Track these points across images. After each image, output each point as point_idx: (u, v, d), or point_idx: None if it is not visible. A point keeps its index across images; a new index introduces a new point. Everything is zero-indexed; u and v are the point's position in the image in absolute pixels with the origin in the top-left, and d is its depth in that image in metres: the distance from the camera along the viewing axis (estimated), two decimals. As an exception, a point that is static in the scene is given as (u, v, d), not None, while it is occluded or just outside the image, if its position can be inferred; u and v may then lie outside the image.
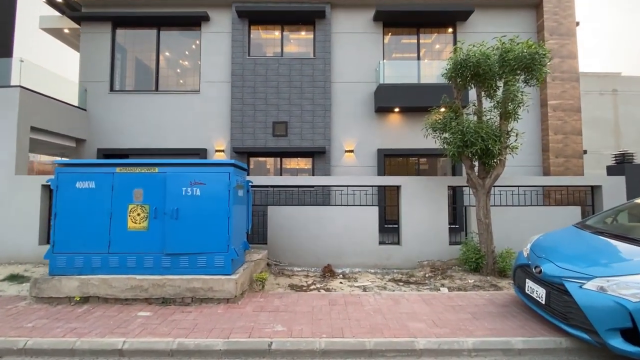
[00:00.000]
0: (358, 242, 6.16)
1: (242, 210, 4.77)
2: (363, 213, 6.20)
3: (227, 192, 4.20)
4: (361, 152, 8.38)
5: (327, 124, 8.31)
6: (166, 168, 4.24)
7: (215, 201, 4.19)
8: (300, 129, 8.28)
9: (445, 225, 6.23)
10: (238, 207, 4.52)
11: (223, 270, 4.13)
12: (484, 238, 5.44)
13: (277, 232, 6.19)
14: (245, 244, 4.84)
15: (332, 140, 8.42)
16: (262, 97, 8.35)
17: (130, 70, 9.18)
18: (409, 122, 8.49)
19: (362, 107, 8.49)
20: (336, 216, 6.17)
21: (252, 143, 8.20)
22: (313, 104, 8.34)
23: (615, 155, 6.76)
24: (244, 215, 4.95)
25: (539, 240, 3.93)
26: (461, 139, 5.13)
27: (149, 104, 8.57)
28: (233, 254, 4.16)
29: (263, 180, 6.21)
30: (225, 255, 4.15)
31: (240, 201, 4.66)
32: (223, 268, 4.14)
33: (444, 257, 6.17)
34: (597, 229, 3.59)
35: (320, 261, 6.13)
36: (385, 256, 6.17)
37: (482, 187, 5.43)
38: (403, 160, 8.72)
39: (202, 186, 4.19)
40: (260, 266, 5.34)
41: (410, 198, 6.20)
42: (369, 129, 8.45)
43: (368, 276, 5.83)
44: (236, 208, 4.40)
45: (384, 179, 6.21)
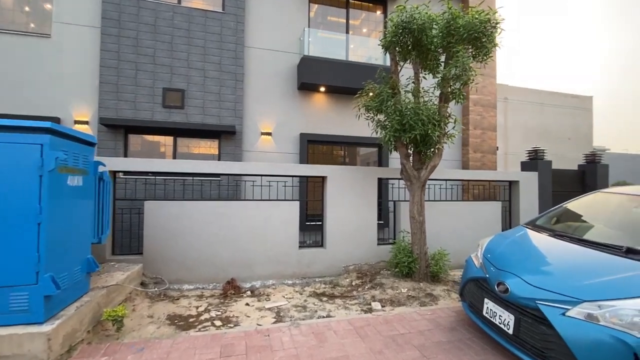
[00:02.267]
0: (273, 247, 4.85)
1: (82, 210, 2.96)
2: (281, 209, 4.90)
3: (38, 178, 2.39)
4: (281, 135, 7.03)
5: (238, 97, 6.68)
6: None
7: (11, 195, 2.33)
8: (203, 101, 6.47)
9: (374, 222, 5.37)
10: (70, 204, 2.73)
11: (28, 316, 2.34)
12: (417, 238, 4.71)
13: (159, 237, 4.44)
14: (89, 264, 3.04)
15: (245, 118, 6.84)
16: (148, 53, 6.23)
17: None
18: (337, 105, 7.47)
19: (283, 82, 7.11)
20: (245, 213, 4.73)
21: (131, 114, 6.05)
22: (220, 71, 6.60)
23: (528, 152, 6.91)
24: (90, 217, 3.13)
25: (491, 245, 3.21)
26: (399, 121, 4.23)
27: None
28: (48, 286, 2.39)
29: (137, 164, 4.35)
30: (33, 290, 2.36)
31: (78, 194, 2.85)
32: (28, 313, 2.34)
33: (371, 260, 5.32)
34: (556, 232, 3.00)
35: (222, 274, 4.63)
36: (306, 262, 5.00)
37: (417, 179, 4.66)
38: (329, 148, 7.69)
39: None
40: (122, 293, 3.58)
41: (337, 191, 5.14)
42: (290, 109, 7.13)
43: (285, 290, 4.58)
44: (63, 206, 2.61)
45: (308, 167, 5.00)
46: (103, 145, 5.91)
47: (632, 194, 3.08)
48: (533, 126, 15.14)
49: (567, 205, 3.53)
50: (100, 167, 3.34)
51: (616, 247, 2.49)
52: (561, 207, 3.52)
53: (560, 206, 3.54)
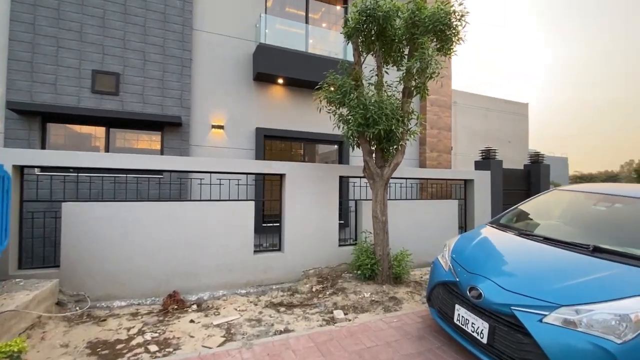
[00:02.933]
0: (224, 253, 4.33)
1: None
2: (233, 210, 4.38)
3: None
4: (234, 129, 6.44)
5: (185, 85, 5.96)
6: None
7: None
8: (142, 88, 5.65)
9: (335, 223, 5.08)
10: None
11: None
12: (379, 239, 4.50)
13: (82, 246, 3.70)
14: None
15: (194, 109, 6.15)
16: (74, 28, 5.27)
17: None
18: (296, 99, 7.06)
19: (237, 71, 6.52)
20: (191, 216, 4.15)
21: (51, 99, 5.06)
22: (164, 55, 5.83)
23: (481, 151, 7.13)
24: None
25: (458, 246, 3.05)
26: (363, 114, 3.96)
27: None
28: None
29: (51, 157, 3.56)
30: None
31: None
32: None
33: (332, 262, 5.03)
34: (522, 231, 2.92)
35: (163, 286, 4.01)
36: (262, 269, 4.55)
37: (380, 177, 4.45)
38: (287, 144, 7.26)
39: None
40: (26, 319, 2.85)
41: (297, 190, 4.76)
42: (245, 101, 6.57)
43: (237, 301, 4.09)
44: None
45: (264, 164, 4.55)
46: (12, 135, 4.87)
47: (588, 192, 3.12)
48: (478, 129, 16.09)
49: (527, 203, 3.52)
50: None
51: (583, 245, 2.44)
52: (522, 205, 3.50)
53: (520, 204, 3.52)
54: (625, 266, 2.13)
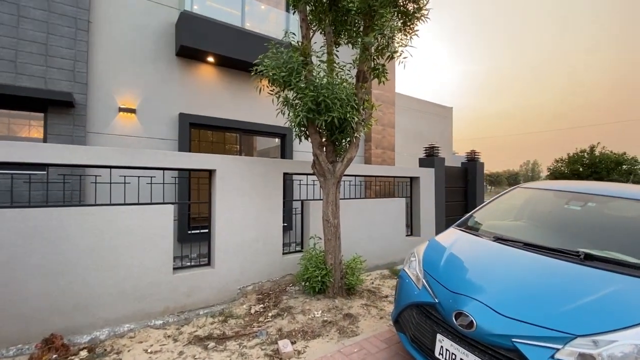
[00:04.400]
0: (131, 274, 3.26)
1: None
2: (143, 217, 3.32)
3: None
4: (151, 114, 5.19)
5: (80, 54, 4.55)
6: None
7: None
8: (15, 52, 4.11)
9: (279, 228, 4.32)
10: None
11: None
12: (331, 245, 3.88)
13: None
14: None
15: (93, 86, 4.76)
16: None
17: None
18: (231, 82, 6.06)
19: (155, 43, 5.27)
20: (82, 227, 3.00)
21: None
22: (48, 11, 4.34)
23: (425, 148, 7.03)
24: None
25: (430, 255, 2.56)
26: (314, 98, 3.27)
27: None
28: None
29: None
30: None
31: None
32: None
33: (276, 274, 4.27)
34: (498, 236, 2.54)
35: (36, 328, 2.83)
36: (185, 291, 3.57)
37: (332, 174, 3.83)
38: (220, 136, 6.21)
39: None
40: None
41: (231, 189, 3.88)
42: (166, 81, 5.36)
43: (149, 338, 3.09)
44: None
45: (186, 157, 3.58)
46: None
47: (555, 189, 2.90)
48: (410, 129, 16.72)
49: (492, 203, 3.22)
50: None
51: (572, 253, 2.11)
52: (487, 205, 3.18)
53: (485, 204, 3.20)
54: (630, 278, 1.81)
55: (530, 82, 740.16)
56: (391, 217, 5.64)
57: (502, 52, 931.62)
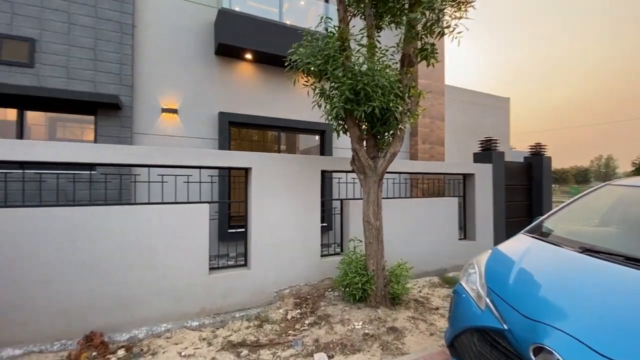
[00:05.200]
0: (168, 274, 3.23)
1: None
2: (180, 216, 3.29)
3: None
4: (191, 114, 5.26)
5: (125, 57, 4.72)
6: None
7: None
8: (67, 58, 4.38)
9: (317, 229, 4.07)
10: None
11: None
12: (373, 249, 3.53)
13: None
14: None
15: (138, 88, 4.92)
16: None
17: None
18: (269, 78, 5.95)
19: (194, 44, 5.33)
20: (121, 226, 3.02)
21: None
22: (96, 17, 4.57)
23: (481, 141, 6.30)
24: None
25: (495, 268, 2.11)
26: (352, 86, 2.95)
27: None
28: None
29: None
30: None
31: None
32: None
33: (314, 278, 4.03)
34: (585, 246, 2.00)
35: (79, 324, 2.89)
36: (221, 292, 3.48)
37: (373, 171, 3.46)
38: (259, 134, 6.14)
39: None
40: None
41: (267, 188, 3.71)
42: (205, 80, 5.40)
43: (185, 339, 3.03)
44: None
45: (221, 155, 3.46)
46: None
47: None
48: (459, 122, 15.47)
49: (575, 204, 2.62)
50: None
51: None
52: (568, 207, 2.60)
53: (564, 206, 2.62)
54: None
55: (598, 68, 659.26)
56: (441, 218, 5.09)
57: (560, 37, 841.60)
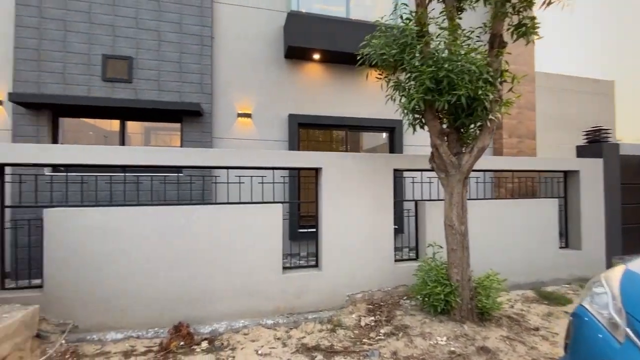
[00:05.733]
0: (244, 271, 3.34)
1: None
2: (255, 216, 3.38)
3: None
4: (263, 118, 5.46)
5: (205, 67, 5.10)
6: None
7: None
8: (158, 72, 4.90)
9: (389, 232, 3.83)
10: None
11: None
12: (456, 257, 3.15)
13: (70, 263, 2.95)
14: None
15: (216, 96, 5.28)
16: (81, 9, 4.66)
17: None
18: (336, 77, 5.87)
19: (265, 48, 5.52)
20: (200, 225, 3.21)
21: (60, 90, 4.51)
22: (181, 33, 5.02)
23: (586, 132, 5.28)
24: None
25: (633, 289, 1.64)
26: (433, 74, 2.65)
27: None
28: None
29: (26, 152, 2.84)
30: None
31: None
32: None
33: (387, 284, 3.79)
34: None
35: (168, 315, 3.13)
36: (294, 292, 3.48)
37: (457, 169, 3.09)
38: (326, 134, 6.12)
39: None
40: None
41: (337, 188, 3.60)
42: (276, 84, 5.55)
43: (261, 337, 3.07)
44: None
45: (293, 155, 3.46)
46: (20, 132, 4.39)
47: None
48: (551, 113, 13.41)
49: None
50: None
51: None
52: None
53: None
54: None
55: None
56: (537, 222, 4.39)
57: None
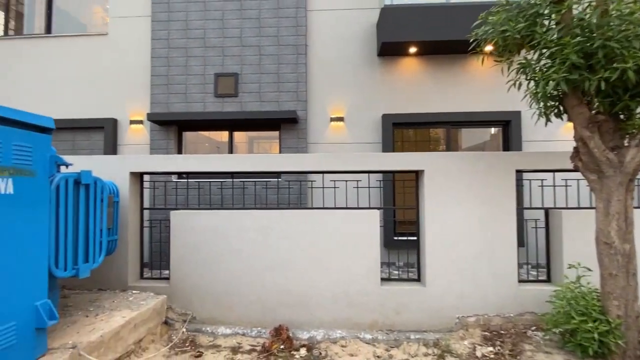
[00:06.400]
0: (341, 279, 3.21)
1: (15, 232, 1.84)
2: (352, 221, 3.23)
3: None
4: (356, 120, 5.32)
5: (300, 75, 5.25)
6: None
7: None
8: (259, 85, 5.25)
9: (511, 246, 3.19)
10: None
11: None
12: (617, 285, 2.37)
13: (188, 260, 3.31)
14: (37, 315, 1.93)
15: (311, 102, 5.38)
16: (198, 35, 5.35)
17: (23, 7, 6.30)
18: (434, 70, 5.35)
19: (357, 49, 5.39)
20: (298, 229, 3.23)
21: (183, 108, 5.25)
22: (278, 44, 5.29)
23: None
24: (40, 241, 2.02)
25: None
26: (580, 48, 2.04)
27: (35, 54, 5.70)
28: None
29: (153, 162, 3.30)
30: None
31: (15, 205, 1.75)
32: None
33: (508, 309, 3.15)
34: None
35: (270, 315, 3.23)
36: (393, 306, 3.19)
37: (616, 168, 2.33)
38: (424, 133, 5.61)
39: None
40: (123, 340, 2.42)
41: (442, 193, 3.17)
42: (368, 84, 5.36)
43: (359, 352, 2.90)
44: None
45: (391, 158, 3.20)
46: (155, 145, 5.27)
47: None
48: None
49: None
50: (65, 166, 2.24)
51: None
52: None
53: None
54: None
55: None
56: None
57: None
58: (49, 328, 2.04)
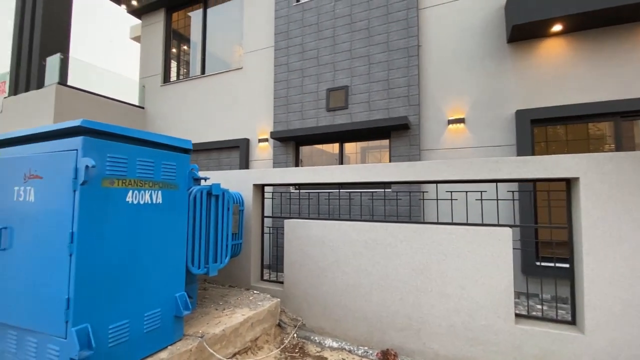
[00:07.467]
0: (460, 309, 2.73)
1: (163, 234, 2.28)
2: (474, 242, 2.73)
3: (72, 194, 1.80)
4: (480, 120, 4.57)
5: (412, 78, 4.89)
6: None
7: (52, 216, 1.86)
8: (368, 94, 5.17)
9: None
10: (134, 228, 2.06)
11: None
12: None
13: (299, 267, 3.47)
14: (177, 305, 2.32)
15: (423, 105, 4.94)
16: (312, 56, 5.71)
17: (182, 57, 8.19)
18: (587, 48, 4.12)
19: (477, 42, 4.67)
20: (409, 246, 2.93)
21: (299, 124, 5.66)
22: (388, 50, 5.09)
23: None
24: (181, 243, 2.44)
25: None
26: None
27: (193, 92, 7.27)
28: (76, 343, 1.70)
29: (272, 176, 3.60)
30: (60, 344, 1.76)
31: (154, 214, 2.19)
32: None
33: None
34: None
35: (377, 335, 3.03)
36: (534, 354, 2.51)
37: None
38: (578, 129, 4.36)
39: (38, 182, 1.94)
40: (240, 337, 2.70)
41: (607, 208, 2.32)
42: (496, 78, 4.54)
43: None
44: (117, 231, 1.96)
45: (524, 163, 2.57)
46: (277, 160, 5.87)
47: None
48: None
49: None
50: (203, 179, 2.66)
51: None
52: None
53: None
54: None
55: None
56: None
57: None
58: (186, 317, 2.43)
